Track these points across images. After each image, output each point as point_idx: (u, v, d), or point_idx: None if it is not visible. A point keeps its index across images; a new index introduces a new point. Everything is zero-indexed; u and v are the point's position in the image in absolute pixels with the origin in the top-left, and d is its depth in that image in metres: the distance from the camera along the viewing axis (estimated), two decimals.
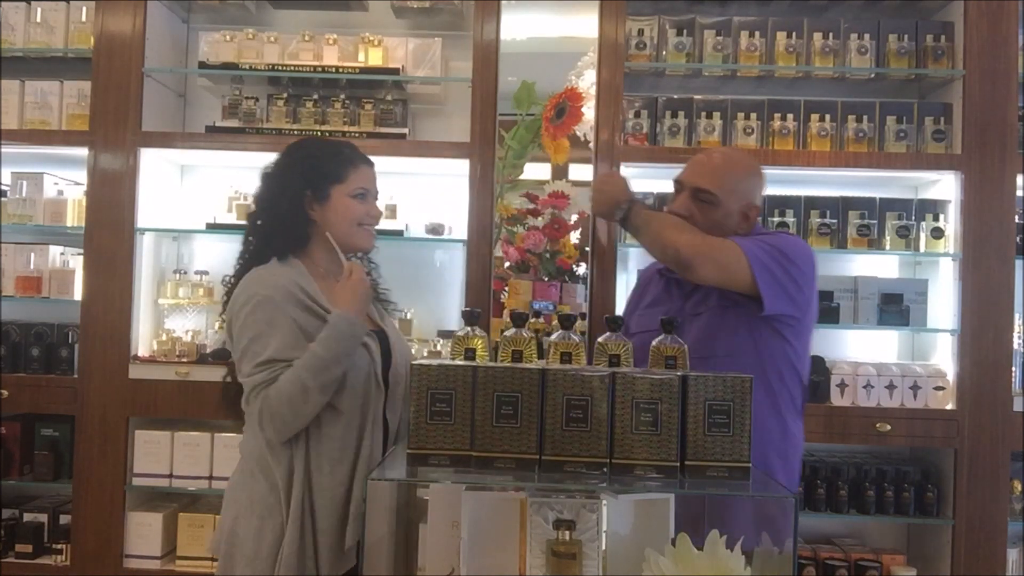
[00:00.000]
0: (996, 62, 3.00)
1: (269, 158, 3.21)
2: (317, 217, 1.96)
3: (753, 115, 3.14)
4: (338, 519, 1.84)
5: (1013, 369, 2.97)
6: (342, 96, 3.23)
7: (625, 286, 3.00)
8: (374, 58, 3.23)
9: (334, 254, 1.99)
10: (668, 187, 2.20)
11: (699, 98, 3.19)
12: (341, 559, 1.85)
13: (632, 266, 3.09)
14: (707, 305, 2.01)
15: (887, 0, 3.27)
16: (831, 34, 3.14)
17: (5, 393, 3.11)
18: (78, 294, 3.18)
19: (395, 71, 3.22)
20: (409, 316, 3.23)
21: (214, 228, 3.26)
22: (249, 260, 1.97)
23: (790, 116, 3.13)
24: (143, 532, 3.10)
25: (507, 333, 1.62)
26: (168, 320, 3.33)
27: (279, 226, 1.95)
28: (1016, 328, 3.02)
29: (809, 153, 3.08)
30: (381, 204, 3.19)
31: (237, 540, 1.88)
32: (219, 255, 3.46)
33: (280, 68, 3.23)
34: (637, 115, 3.15)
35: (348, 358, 1.83)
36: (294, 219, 1.95)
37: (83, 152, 3.14)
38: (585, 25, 3.39)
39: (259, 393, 1.82)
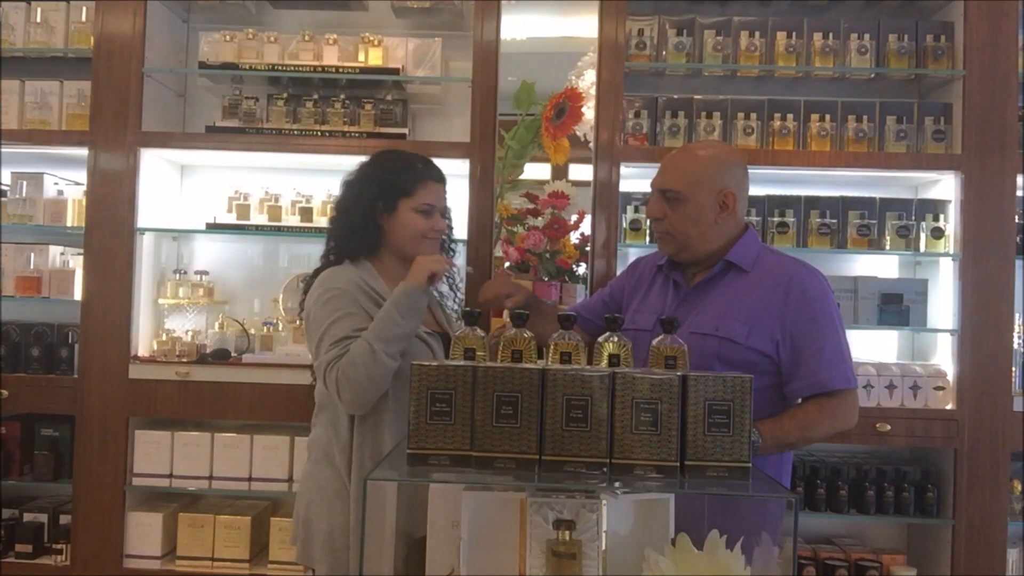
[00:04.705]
0: (996, 62, 3.00)
1: (269, 158, 3.26)
2: (385, 226, 2.16)
3: (753, 115, 3.14)
4: None
5: (1013, 369, 2.97)
6: (342, 96, 3.23)
7: None
8: (374, 58, 3.23)
9: (400, 260, 2.17)
10: None
11: (699, 98, 3.19)
12: None
13: None
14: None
15: (887, 0, 3.27)
16: (831, 34, 3.14)
17: (5, 393, 3.12)
18: (78, 294, 3.18)
19: (395, 71, 3.23)
20: None
21: (214, 228, 3.26)
22: (328, 262, 2.18)
23: (790, 116, 3.13)
24: (143, 532, 3.10)
25: (507, 333, 1.62)
26: (168, 320, 3.33)
27: (353, 232, 2.14)
28: (1016, 328, 3.02)
29: (809, 153, 3.08)
30: None
31: (311, 524, 2.05)
32: (219, 255, 3.46)
33: (280, 68, 3.23)
34: (637, 115, 3.15)
35: (407, 320, 1.99)
36: (365, 227, 2.14)
37: (83, 152, 3.14)
38: (585, 25, 3.39)
39: (333, 367, 1.98)
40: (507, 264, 3.29)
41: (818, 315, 1.96)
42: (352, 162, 2.27)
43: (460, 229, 3.12)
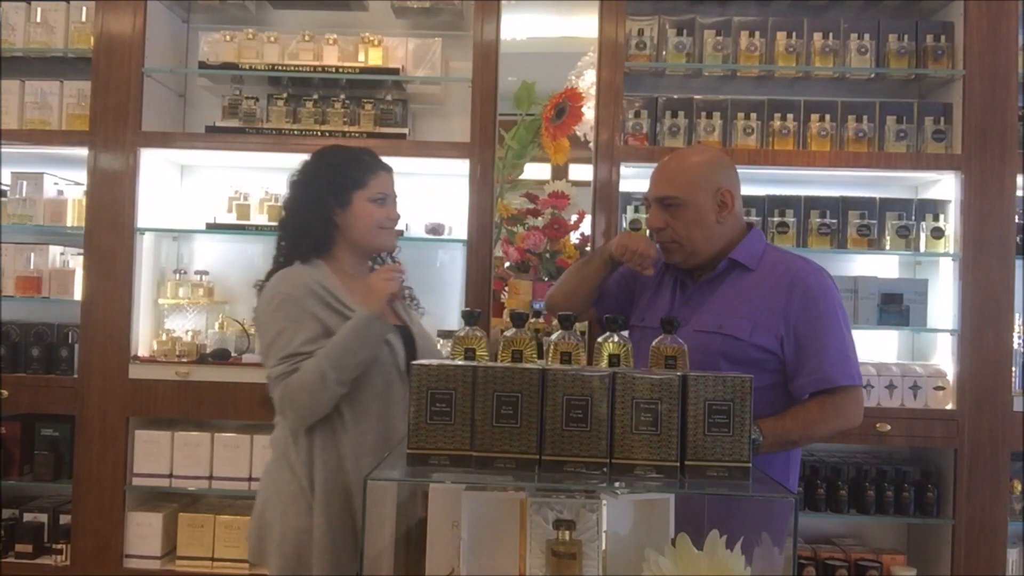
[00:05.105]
0: (996, 62, 3.00)
1: (269, 158, 3.26)
2: (340, 221, 2.10)
3: (753, 115, 3.14)
4: None
5: (1013, 369, 2.97)
6: (342, 96, 3.23)
7: None
8: (374, 58, 3.23)
9: (358, 254, 2.14)
10: None
11: (699, 98, 3.19)
12: None
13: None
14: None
15: (887, 0, 3.27)
16: (831, 34, 3.14)
17: (5, 393, 3.12)
18: (78, 294, 3.18)
19: (395, 71, 3.22)
20: None
21: (214, 228, 3.26)
22: (280, 263, 2.13)
23: (790, 116, 3.13)
24: (143, 532, 3.10)
25: (507, 333, 1.62)
26: (168, 320, 3.33)
27: (305, 231, 2.09)
28: (1016, 328, 3.02)
29: (809, 153, 3.08)
30: None
31: (265, 523, 2.03)
32: (219, 255, 3.46)
33: (280, 68, 3.23)
34: (637, 115, 3.15)
35: (365, 350, 1.95)
36: (319, 224, 2.10)
37: (83, 152, 3.14)
38: (585, 25, 3.40)
39: (280, 381, 1.95)
40: (507, 264, 3.30)
41: (822, 312, 1.96)
42: None
43: (460, 229, 3.14)
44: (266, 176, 3.35)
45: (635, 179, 3.10)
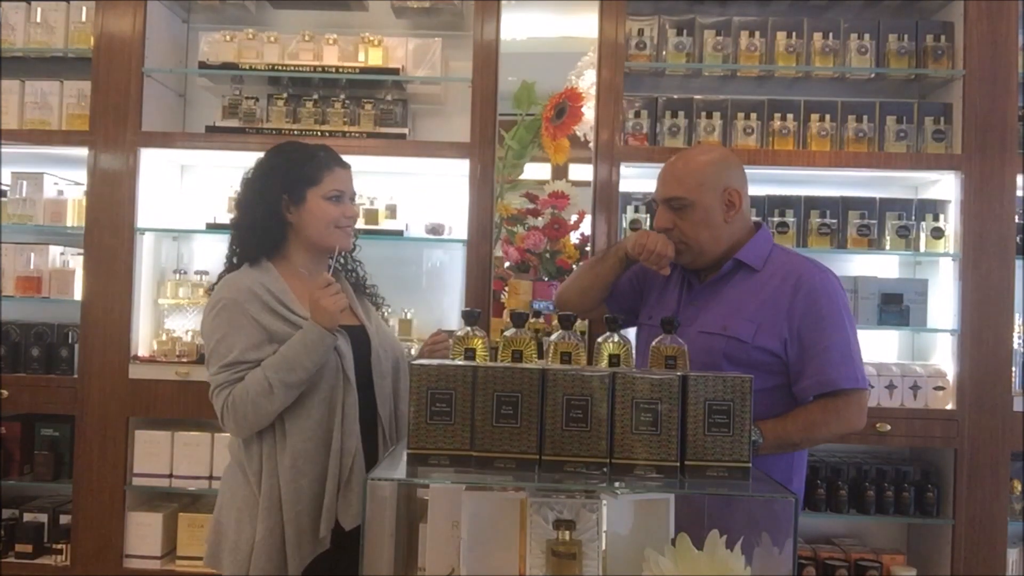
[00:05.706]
0: (996, 62, 3.00)
1: None
2: (293, 219, 2.04)
3: (753, 115, 3.14)
4: (309, 510, 1.93)
5: (1013, 369, 2.97)
6: (342, 96, 3.23)
7: None
8: (374, 58, 3.23)
9: (313, 254, 2.07)
10: None
11: (699, 98, 3.19)
12: (314, 545, 1.94)
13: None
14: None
15: (887, 0, 3.27)
16: (831, 34, 3.14)
17: (5, 393, 3.12)
18: (78, 294, 3.18)
19: (395, 71, 3.22)
20: (409, 316, 3.24)
21: (214, 228, 3.26)
22: (232, 265, 2.08)
23: (790, 116, 3.13)
24: (143, 532, 3.10)
25: (507, 333, 1.62)
26: (168, 320, 3.33)
27: (257, 230, 2.04)
28: (1016, 328, 3.02)
29: (809, 153, 3.08)
30: (381, 204, 3.24)
31: (221, 529, 2.00)
32: (219, 255, 3.40)
33: (280, 68, 3.23)
34: (637, 115, 3.15)
35: (315, 364, 1.90)
36: (269, 222, 2.03)
37: (83, 152, 3.14)
38: (585, 25, 3.39)
39: (222, 391, 1.91)
40: (507, 264, 3.30)
41: (827, 313, 1.95)
42: (353, 162, 2.25)
43: (460, 229, 3.14)
44: None
45: (635, 179, 3.10)
